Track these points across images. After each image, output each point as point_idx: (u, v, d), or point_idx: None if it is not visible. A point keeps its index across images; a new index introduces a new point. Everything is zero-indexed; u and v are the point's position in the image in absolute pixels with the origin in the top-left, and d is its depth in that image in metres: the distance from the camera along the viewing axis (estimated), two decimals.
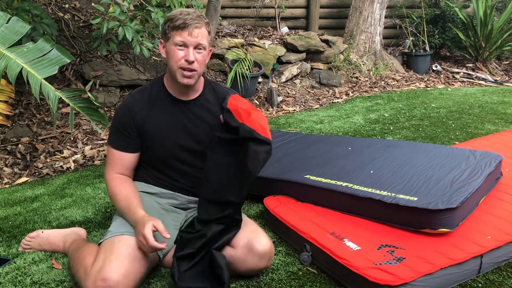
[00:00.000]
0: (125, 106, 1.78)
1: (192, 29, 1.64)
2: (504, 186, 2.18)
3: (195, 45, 1.66)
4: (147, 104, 1.78)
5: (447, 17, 6.21)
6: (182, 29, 1.64)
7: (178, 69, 1.68)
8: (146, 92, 1.80)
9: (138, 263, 1.54)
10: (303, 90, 5.05)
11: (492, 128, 3.52)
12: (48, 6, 4.46)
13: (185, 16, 1.65)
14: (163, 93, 1.79)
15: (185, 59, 1.66)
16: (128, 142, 1.77)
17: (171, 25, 1.67)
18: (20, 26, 2.10)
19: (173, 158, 1.81)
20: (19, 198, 2.66)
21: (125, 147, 1.78)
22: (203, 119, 1.80)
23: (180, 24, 1.64)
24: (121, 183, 1.75)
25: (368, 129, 3.68)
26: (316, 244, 1.75)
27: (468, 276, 1.64)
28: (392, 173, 2.11)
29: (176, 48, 1.66)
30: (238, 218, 1.67)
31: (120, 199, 1.71)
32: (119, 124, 1.77)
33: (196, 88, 1.80)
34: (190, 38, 1.64)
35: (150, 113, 1.77)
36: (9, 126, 3.57)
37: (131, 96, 1.80)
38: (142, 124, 1.76)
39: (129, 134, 1.76)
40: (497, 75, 6.01)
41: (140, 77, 4.21)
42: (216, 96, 1.83)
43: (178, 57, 1.66)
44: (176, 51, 1.66)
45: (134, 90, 1.84)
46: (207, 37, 1.70)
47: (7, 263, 1.88)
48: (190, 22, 1.64)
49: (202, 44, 1.67)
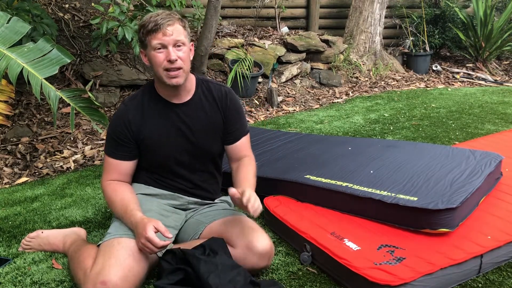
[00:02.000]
0: (119, 115, 1.76)
1: (165, 28, 1.61)
2: (504, 186, 2.18)
3: (173, 43, 1.63)
4: (141, 112, 1.75)
5: (447, 17, 6.21)
6: (155, 32, 1.62)
7: (163, 72, 1.65)
8: (138, 99, 1.77)
9: (137, 265, 1.54)
10: (303, 90, 5.05)
11: (492, 128, 3.52)
12: (48, 6, 4.46)
13: (155, 18, 1.62)
14: (156, 99, 1.77)
15: (167, 59, 1.63)
16: (124, 151, 1.76)
17: (144, 31, 1.64)
18: (20, 26, 2.10)
19: (172, 162, 1.80)
20: (19, 198, 2.67)
21: (122, 156, 1.76)
22: (198, 120, 1.79)
23: (152, 27, 1.62)
24: (117, 188, 1.74)
25: (368, 129, 3.68)
26: (316, 244, 1.75)
27: (468, 276, 1.64)
28: (392, 173, 2.11)
29: (156, 52, 1.64)
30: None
31: (117, 203, 1.69)
32: (114, 134, 1.75)
33: (188, 89, 1.78)
34: (166, 38, 1.62)
35: (145, 121, 1.75)
36: (9, 126, 3.57)
37: (123, 105, 1.78)
38: (138, 132, 1.74)
39: (125, 143, 1.75)
40: (497, 75, 6.01)
41: (140, 77, 4.21)
42: (211, 95, 1.82)
43: (160, 60, 1.64)
44: (157, 55, 1.64)
45: (126, 98, 1.82)
46: (184, 32, 1.67)
47: (7, 263, 1.89)
48: (161, 22, 1.61)
49: (180, 40, 1.64)
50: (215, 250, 1.55)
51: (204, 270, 1.47)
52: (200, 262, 1.49)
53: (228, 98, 1.83)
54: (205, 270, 1.47)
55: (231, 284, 1.45)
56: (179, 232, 1.84)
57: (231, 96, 1.84)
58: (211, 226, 1.75)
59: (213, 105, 1.81)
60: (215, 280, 1.45)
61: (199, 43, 4.16)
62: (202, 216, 1.83)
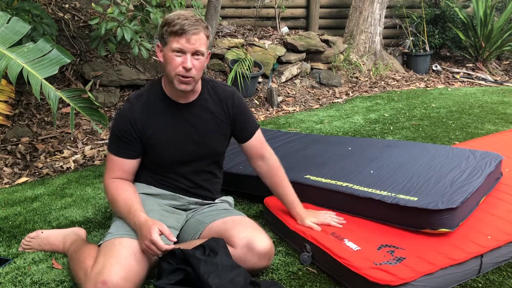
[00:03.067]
0: (124, 113, 1.75)
1: (190, 35, 1.59)
2: (504, 186, 2.18)
3: (192, 51, 1.62)
4: (147, 110, 1.75)
5: (447, 17, 6.21)
6: (179, 36, 1.60)
7: (176, 76, 1.65)
8: (144, 98, 1.77)
9: (138, 266, 1.53)
10: (303, 90, 5.05)
11: (492, 128, 3.52)
12: (48, 6, 4.46)
13: (183, 21, 1.59)
14: (162, 98, 1.77)
15: (183, 66, 1.62)
16: (129, 149, 1.75)
17: (168, 29, 1.62)
18: (20, 26, 2.10)
19: (176, 162, 1.80)
20: (19, 198, 2.66)
21: (126, 154, 1.75)
22: (204, 120, 1.79)
23: (177, 30, 1.59)
24: (120, 187, 1.73)
25: (368, 129, 3.68)
26: (316, 244, 1.75)
27: (468, 276, 1.64)
28: (392, 173, 2.11)
29: (174, 55, 1.62)
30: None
31: (120, 203, 1.68)
32: (119, 131, 1.73)
33: (195, 90, 1.78)
34: (188, 45, 1.60)
35: (151, 119, 1.74)
36: (9, 126, 3.57)
37: (129, 103, 1.76)
38: (143, 131, 1.74)
39: (130, 141, 1.74)
40: (497, 75, 6.01)
41: (140, 77, 4.21)
42: (217, 96, 1.82)
43: (176, 64, 1.63)
44: (174, 58, 1.63)
45: (132, 96, 1.80)
46: (206, 43, 1.65)
47: (7, 263, 1.88)
48: (188, 28, 1.59)
49: (200, 50, 1.63)
50: (215, 250, 1.55)
51: (204, 270, 1.47)
52: (200, 262, 1.49)
53: (234, 98, 1.83)
54: (205, 270, 1.47)
55: (231, 285, 1.45)
56: (179, 232, 1.84)
57: (236, 96, 1.85)
58: (211, 226, 1.75)
59: (219, 106, 1.81)
60: (215, 280, 1.44)
61: None
62: (202, 216, 1.83)
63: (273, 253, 1.69)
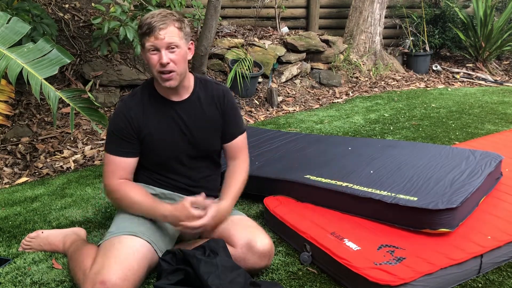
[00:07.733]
0: (120, 112, 1.75)
1: (157, 31, 1.61)
2: (504, 186, 2.18)
3: (165, 46, 1.63)
4: (142, 109, 1.76)
5: (447, 17, 6.21)
6: (148, 35, 1.62)
7: (158, 74, 1.67)
8: (138, 97, 1.78)
9: (137, 265, 1.53)
10: (303, 90, 5.05)
11: (492, 128, 3.52)
12: (48, 6, 4.46)
13: (149, 20, 1.62)
14: (155, 96, 1.78)
15: (160, 62, 1.64)
16: (127, 147, 1.75)
17: (140, 32, 1.66)
18: (20, 26, 2.10)
19: (172, 160, 1.80)
20: (19, 198, 2.66)
21: (126, 152, 1.75)
22: (197, 117, 1.79)
23: (146, 30, 1.62)
24: (130, 187, 1.73)
25: (368, 129, 3.68)
26: (316, 244, 1.75)
27: (468, 276, 1.64)
28: (392, 173, 2.11)
29: (150, 54, 1.65)
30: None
31: (142, 202, 1.69)
32: (117, 130, 1.74)
33: (187, 86, 1.78)
34: (157, 42, 1.62)
35: (146, 118, 1.75)
36: (9, 126, 3.56)
37: (123, 102, 1.77)
38: (139, 129, 1.74)
39: (129, 139, 1.74)
40: (497, 75, 6.01)
41: (140, 77, 4.21)
42: (209, 93, 1.82)
43: (153, 62, 1.65)
44: (151, 57, 1.65)
45: (125, 96, 1.82)
46: (179, 34, 1.65)
47: (7, 263, 1.89)
48: (154, 24, 1.61)
49: (173, 42, 1.64)
50: (215, 251, 1.55)
51: (204, 270, 1.47)
52: (200, 263, 1.49)
53: (225, 97, 1.84)
54: (205, 271, 1.47)
55: (231, 285, 1.45)
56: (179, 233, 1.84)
57: (228, 95, 1.86)
58: None
59: (211, 103, 1.82)
60: (215, 281, 1.44)
61: (199, 43, 4.16)
62: None
63: (273, 252, 1.69)
